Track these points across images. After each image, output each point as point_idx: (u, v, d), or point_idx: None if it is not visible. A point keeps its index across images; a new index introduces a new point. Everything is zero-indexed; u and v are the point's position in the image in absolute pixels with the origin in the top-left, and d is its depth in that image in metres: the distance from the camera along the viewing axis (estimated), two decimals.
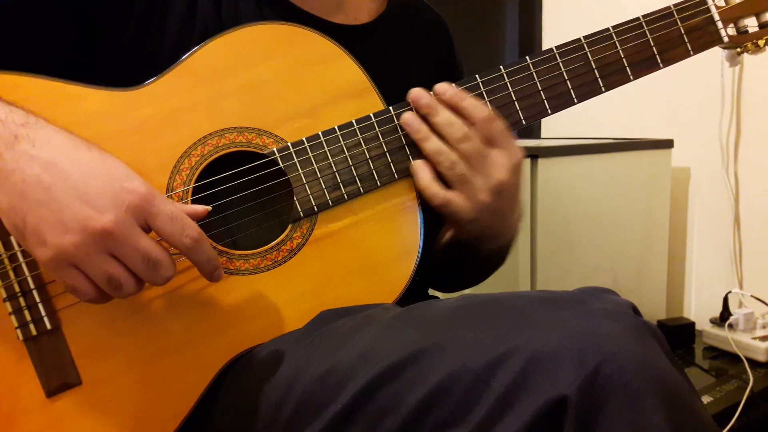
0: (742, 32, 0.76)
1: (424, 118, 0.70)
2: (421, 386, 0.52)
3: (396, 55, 0.84)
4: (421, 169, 0.70)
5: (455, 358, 0.52)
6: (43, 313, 0.62)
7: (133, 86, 0.67)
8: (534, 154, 1.35)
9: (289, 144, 0.69)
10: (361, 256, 0.70)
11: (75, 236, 0.53)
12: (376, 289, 0.70)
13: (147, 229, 0.56)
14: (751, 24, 0.76)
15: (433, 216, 0.74)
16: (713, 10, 0.75)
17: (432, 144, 0.69)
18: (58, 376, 0.62)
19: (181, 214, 0.57)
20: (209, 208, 0.61)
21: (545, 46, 2.05)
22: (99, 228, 0.53)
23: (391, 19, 0.85)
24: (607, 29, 0.74)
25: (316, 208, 0.69)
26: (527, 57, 0.73)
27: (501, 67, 0.73)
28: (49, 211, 0.54)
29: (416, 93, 0.70)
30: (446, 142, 0.69)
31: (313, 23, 0.73)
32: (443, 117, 0.69)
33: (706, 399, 1.26)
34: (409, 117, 0.70)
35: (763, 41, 0.76)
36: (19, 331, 0.62)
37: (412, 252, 0.72)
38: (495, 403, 0.50)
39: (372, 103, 0.72)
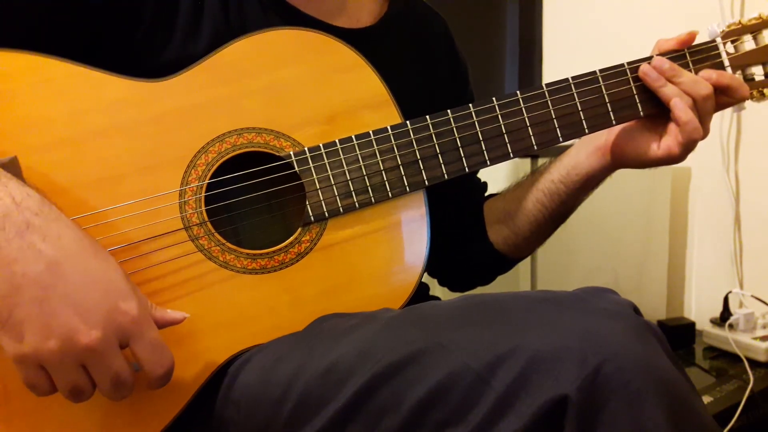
0: (748, 80, 0.78)
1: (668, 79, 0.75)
2: (421, 385, 0.53)
3: (397, 56, 0.84)
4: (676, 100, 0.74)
5: (456, 357, 0.53)
6: None
7: (156, 78, 0.67)
8: (534, 154, 1.35)
9: (306, 148, 0.69)
10: (367, 265, 0.71)
11: (57, 343, 0.52)
12: (379, 298, 0.71)
13: (125, 346, 0.56)
14: (757, 72, 0.79)
15: (439, 232, 0.75)
16: (724, 56, 0.77)
17: (671, 89, 0.74)
18: None
19: (163, 344, 0.57)
20: (187, 315, 0.60)
21: (545, 47, 2.07)
22: (83, 344, 0.53)
23: (391, 22, 0.85)
24: (622, 65, 0.76)
25: (327, 214, 0.70)
26: (543, 85, 0.75)
27: (517, 92, 0.75)
28: (39, 311, 0.52)
29: (658, 59, 0.76)
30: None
31: (316, 27, 0.73)
32: (689, 77, 0.74)
33: (706, 399, 1.26)
34: (647, 67, 0.75)
35: None
36: None
37: (418, 265, 0.72)
38: (496, 402, 0.50)
39: (390, 115, 0.73)
